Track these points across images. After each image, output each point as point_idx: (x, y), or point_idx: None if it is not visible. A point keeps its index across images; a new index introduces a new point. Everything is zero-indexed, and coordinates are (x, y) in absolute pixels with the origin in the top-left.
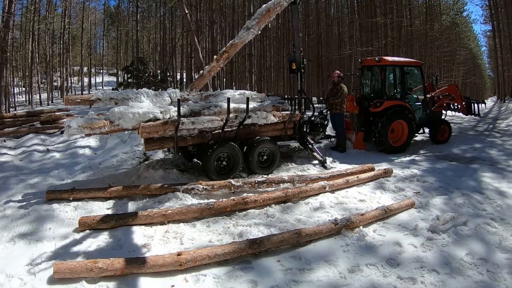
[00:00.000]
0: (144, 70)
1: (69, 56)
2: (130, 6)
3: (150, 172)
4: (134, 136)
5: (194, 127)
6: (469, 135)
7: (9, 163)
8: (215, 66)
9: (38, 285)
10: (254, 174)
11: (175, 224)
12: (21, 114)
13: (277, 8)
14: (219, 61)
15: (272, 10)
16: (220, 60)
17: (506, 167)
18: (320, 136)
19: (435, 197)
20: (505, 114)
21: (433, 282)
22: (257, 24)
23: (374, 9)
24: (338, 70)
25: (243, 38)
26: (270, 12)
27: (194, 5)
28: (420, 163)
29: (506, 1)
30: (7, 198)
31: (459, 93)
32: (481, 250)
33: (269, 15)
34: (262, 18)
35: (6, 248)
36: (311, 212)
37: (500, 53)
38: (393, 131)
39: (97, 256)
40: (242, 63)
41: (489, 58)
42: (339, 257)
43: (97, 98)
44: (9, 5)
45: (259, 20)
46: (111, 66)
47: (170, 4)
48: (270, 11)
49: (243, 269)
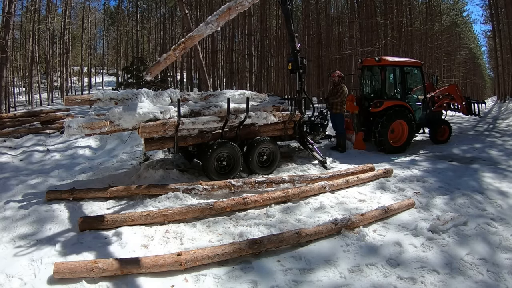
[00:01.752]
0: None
1: (69, 56)
2: (130, 6)
3: (150, 172)
4: (134, 136)
5: (194, 127)
6: (469, 135)
7: (9, 163)
8: (172, 55)
9: (38, 285)
10: (254, 174)
11: (175, 224)
12: (21, 114)
13: (238, 8)
14: (175, 51)
15: (233, 8)
16: (176, 50)
17: (506, 167)
18: (320, 136)
19: (435, 197)
20: (505, 114)
21: (434, 282)
22: (216, 20)
23: (374, 9)
24: (338, 70)
25: (201, 32)
26: (230, 10)
27: (194, 5)
28: (420, 163)
29: (506, 1)
30: (7, 198)
31: (459, 93)
32: (482, 250)
33: (229, 13)
34: (222, 15)
35: (6, 248)
36: (311, 212)
37: (500, 53)
38: (393, 131)
39: (97, 256)
40: (242, 63)
41: (489, 58)
42: (339, 257)
43: (97, 98)
44: (9, 5)
45: (219, 16)
46: (111, 66)
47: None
48: (231, 9)
49: (243, 269)
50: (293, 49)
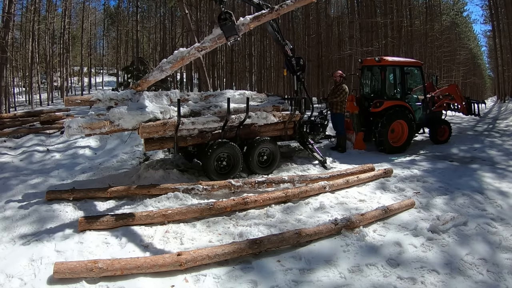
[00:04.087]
0: (144, 70)
1: (69, 56)
2: (130, 6)
3: (150, 172)
4: (134, 136)
5: (194, 127)
6: (469, 135)
7: (9, 163)
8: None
9: (38, 285)
10: (254, 174)
11: (175, 224)
12: (21, 114)
13: (191, 57)
14: (137, 88)
15: (186, 58)
16: (137, 87)
17: (506, 167)
18: (320, 136)
19: (435, 197)
20: (505, 114)
21: (433, 282)
22: (170, 68)
23: (374, 9)
24: (340, 71)
25: (156, 77)
26: (184, 60)
27: (194, 5)
28: (420, 163)
29: (506, 1)
30: (7, 198)
31: (459, 93)
32: (482, 250)
33: (182, 62)
34: (176, 64)
35: (6, 248)
36: (311, 212)
37: (500, 53)
38: (393, 131)
39: (97, 256)
40: (242, 63)
41: (489, 58)
42: (339, 257)
43: (97, 99)
44: (9, 5)
45: (172, 65)
46: (111, 66)
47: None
48: (184, 59)
49: (243, 269)
50: (286, 55)
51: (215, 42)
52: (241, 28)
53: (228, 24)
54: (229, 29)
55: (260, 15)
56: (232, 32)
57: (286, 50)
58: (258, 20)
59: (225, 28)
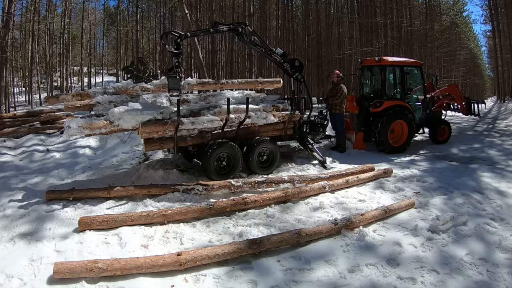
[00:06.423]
0: (144, 70)
1: (69, 56)
2: (130, 6)
3: (150, 172)
4: (134, 136)
5: (194, 127)
6: (468, 135)
7: (9, 163)
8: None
9: (38, 285)
10: (254, 174)
11: (175, 224)
12: (21, 114)
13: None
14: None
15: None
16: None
17: (505, 167)
18: (320, 136)
19: (435, 197)
20: (505, 114)
21: (433, 282)
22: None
23: (374, 9)
24: (337, 70)
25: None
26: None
27: (194, 5)
28: (420, 163)
29: (506, 1)
30: (7, 198)
31: (459, 93)
32: (481, 250)
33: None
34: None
35: (6, 248)
36: (311, 212)
37: (500, 53)
38: (393, 131)
39: (97, 256)
40: (242, 63)
41: (489, 58)
42: (339, 257)
43: (96, 102)
44: (9, 5)
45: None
46: (111, 66)
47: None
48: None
49: (243, 269)
50: (276, 63)
51: (159, 89)
52: (185, 86)
53: (176, 78)
54: (174, 83)
55: (206, 82)
56: (175, 87)
57: (274, 58)
58: (202, 86)
59: (171, 81)
